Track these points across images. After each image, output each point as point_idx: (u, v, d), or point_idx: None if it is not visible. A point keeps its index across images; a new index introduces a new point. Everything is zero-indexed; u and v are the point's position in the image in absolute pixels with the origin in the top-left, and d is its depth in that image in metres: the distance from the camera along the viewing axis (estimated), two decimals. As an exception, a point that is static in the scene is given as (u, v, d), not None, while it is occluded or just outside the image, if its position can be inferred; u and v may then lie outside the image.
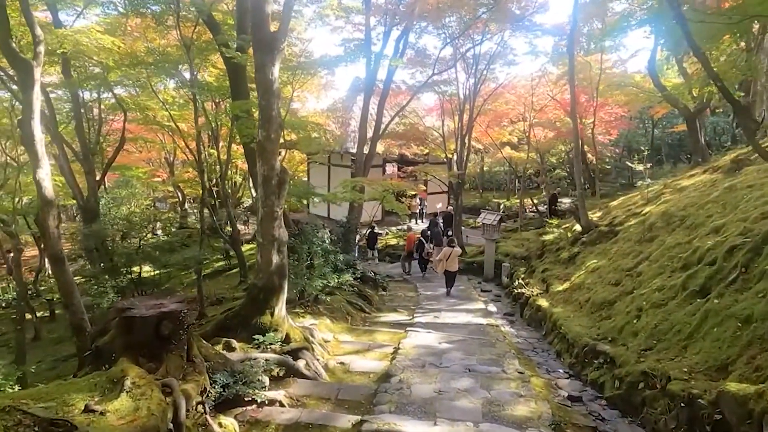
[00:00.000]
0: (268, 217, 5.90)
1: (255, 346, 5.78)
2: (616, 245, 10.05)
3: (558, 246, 12.89)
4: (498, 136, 23.08)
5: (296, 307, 8.71)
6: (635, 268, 8.13)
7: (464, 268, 16.28)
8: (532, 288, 11.15)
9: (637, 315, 6.46)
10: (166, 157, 24.73)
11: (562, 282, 10.50)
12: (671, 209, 9.27)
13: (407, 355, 6.77)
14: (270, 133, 5.66)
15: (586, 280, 9.37)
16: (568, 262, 11.48)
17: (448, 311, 11.05)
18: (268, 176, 5.78)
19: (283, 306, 6.27)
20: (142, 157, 26.72)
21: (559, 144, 25.15)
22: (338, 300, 10.06)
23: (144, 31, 15.68)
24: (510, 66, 19.26)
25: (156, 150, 24.60)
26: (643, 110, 23.58)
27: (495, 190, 32.80)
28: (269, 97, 5.58)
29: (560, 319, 8.37)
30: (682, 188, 10.71)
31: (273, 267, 6.01)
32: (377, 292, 13.28)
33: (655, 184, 12.24)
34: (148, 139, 20.06)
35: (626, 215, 11.48)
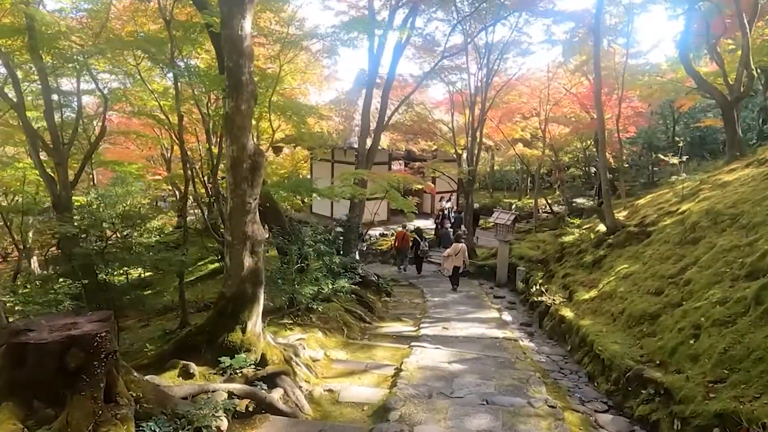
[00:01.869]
0: (239, 210, 4.76)
1: (220, 372, 4.64)
2: (651, 248, 8.81)
3: (579, 248, 11.65)
4: (510, 132, 21.84)
5: (284, 317, 7.58)
6: (680, 274, 6.90)
7: (475, 271, 15.12)
8: (553, 295, 9.93)
9: (693, 334, 5.24)
10: (163, 153, 23.69)
11: (588, 289, 9.28)
12: (717, 207, 8.02)
13: (411, 380, 5.59)
14: (240, 103, 4.52)
15: (618, 287, 8.14)
16: (593, 266, 10.24)
17: (459, 321, 9.86)
18: (239, 158, 4.64)
19: (259, 320, 5.11)
20: (143, 154, 25.77)
21: (575, 141, 23.89)
22: (334, 308, 8.90)
23: (133, 15, 14.66)
24: (524, 56, 18.08)
25: (153, 146, 23.61)
26: (663, 105, 22.27)
27: (506, 190, 31.51)
28: (238, 57, 4.45)
29: (591, 334, 7.16)
30: (724, 183, 9.44)
31: (245, 272, 4.86)
32: (380, 298, 12.14)
33: (689, 180, 10.97)
34: (142, 133, 18.99)
35: (658, 214, 10.22)
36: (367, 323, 9.37)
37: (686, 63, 12.24)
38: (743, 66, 11.74)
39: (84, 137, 15.75)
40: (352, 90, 21.69)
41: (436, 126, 19.76)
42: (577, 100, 19.98)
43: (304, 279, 7.40)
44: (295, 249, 7.63)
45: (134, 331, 11.68)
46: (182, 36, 10.83)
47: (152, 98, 13.82)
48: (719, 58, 12.89)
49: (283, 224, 10.36)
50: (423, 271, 15.55)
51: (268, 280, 7.48)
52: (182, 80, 10.56)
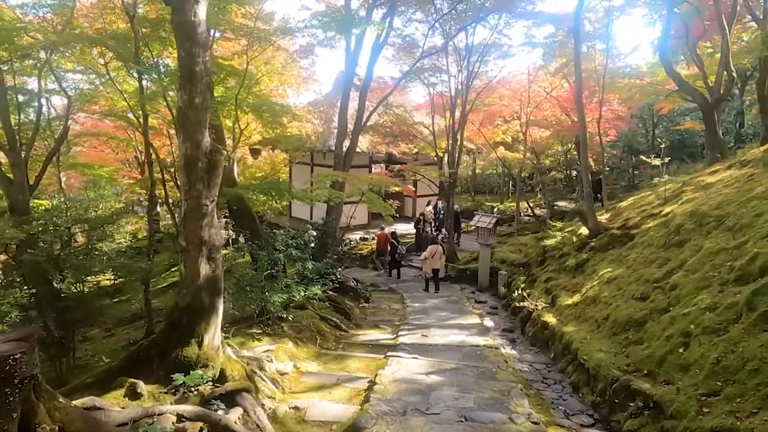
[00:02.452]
0: (194, 213, 4.34)
1: (172, 390, 4.20)
2: (634, 251, 8.58)
3: (562, 252, 11.40)
4: (491, 135, 21.67)
5: (253, 326, 7.14)
6: (666, 279, 6.65)
7: (456, 276, 14.82)
8: (535, 300, 9.65)
9: (683, 342, 4.96)
10: (137, 155, 23.00)
11: (571, 294, 9.01)
12: (701, 208, 7.82)
13: (385, 394, 5.21)
14: (193, 96, 4.12)
15: (602, 292, 7.88)
16: (576, 270, 9.99)
17: (439, 327, 9.52)
18: (193, 157, 4.23)
19: (217, 332, 4.69)
20: (117, 157, 25.02)
21: (556, 144, 23.83)
22: (308, 316, 8.48)
23: (101, 13, 14.09)
24: (505, 58, 17.89)
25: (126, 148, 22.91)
26: (643, 109, 22.34)
27: (488, 194, 31.36)
28: (191, 45, 4.05)
29: (574, 342, 6.86)
30: (707, 185, 9.28)
31: (201, 280, 4.44)
32: (358, 304, 11.75)
33: (671, 182, 10.82)
34: (113, 135, 18.34)
35: (641, 217, 10.02)
36: (343, 331, 8.97)
37: (667, 65, 12.13)
38: (723, 68, 11.67)
39: (53, 139, 15.12)
40: (331, 92, 21.30)
41: (417, 129, 19.47)
42: (558, 103, 19.88)
43: (274, 286, 6.97)
44: (264, 254, 7.20)
45: (98, 341, 11.10)
46: (151, 34, 10.37)
47: (122, 99, 13.27)
48: (699, 60, 12.83)
49: (256, 228, 9.95)
50: (404, 276, 15.22)
51: (236, 288, 7.07)
52: (149, 78, 10.11)
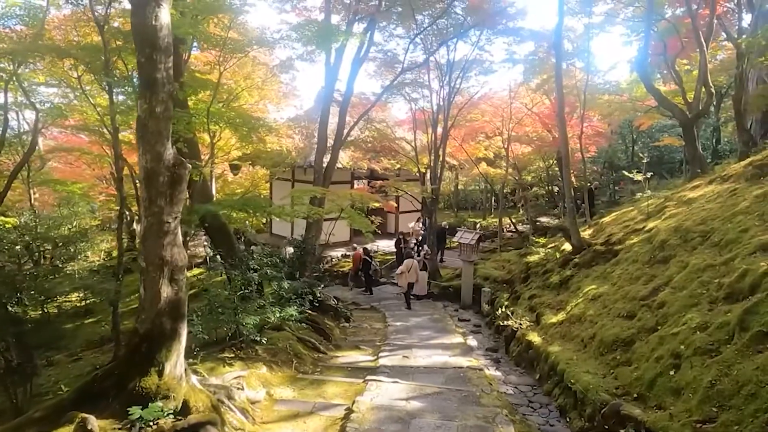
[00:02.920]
0: (155, 231, 4.03)
1: (127, 426, 3.84)
2: (619, 267, 8.43)
3: (545, 268, 11.24)
4: (474, 151, 21.65)
5: (225, 350, 6.76)
6: (653, 296, 6.47)
7: (439, 293, 14.57)
8: (519, 319, 9.41)
9: (673, 364, 4.75)
10: (113, 171, 22.43)
11: (556, 312, 8.81)
12: (686, 224, 7.72)
13: (362, 423, 4.89)
14: (154, 105, 3.84)
15: (587, 310, 7.68)
16: (560, 287, 9.82)
17: (421, 348, 9.22)
18: (154, 170, 3.93)
19: (180, 360, 4.33)
20: (94, 173, 24.41)
21: (538, 160, 23.92)
22: (285, 338, 8.11)
23: (75, 25, 13.74)
24: (487, 74, 17.89)
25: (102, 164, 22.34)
26: (623, 125, 22.58)
27: (471, 210, 31.31)
28: (151, 51, 3.78)
29: (560, 362, 6.63)
30: (690, 200, 9.21)
31: (162, 304, 4.10)
32: (339, 324, 11.40)
33: (653, 198, 10.77)
34: (87, 151, 17.83)
35: (625, 232, 9.93)
36: (321, 353, 8.60)
37: (646, 81, 12.19)
38: (701, 83, 11.76)
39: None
40: (312, 108, 21.10)
41: (399, 144, 19.34)
42: (539, 120, 19.95)
43: (246, 307, 6.61)
44: (237, 274, 6.86)
45: (63, 366, 10.54)
46: (124, 46, 10.05)
47: (95, 113, 12.87)
48: (678, 76, 12.96)
49: (232, 246, 9.58)
50: (386, 294, 14.96)
51: (207, 309, 6.70)
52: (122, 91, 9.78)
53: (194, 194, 9.73)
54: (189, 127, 7.33)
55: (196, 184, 9.94)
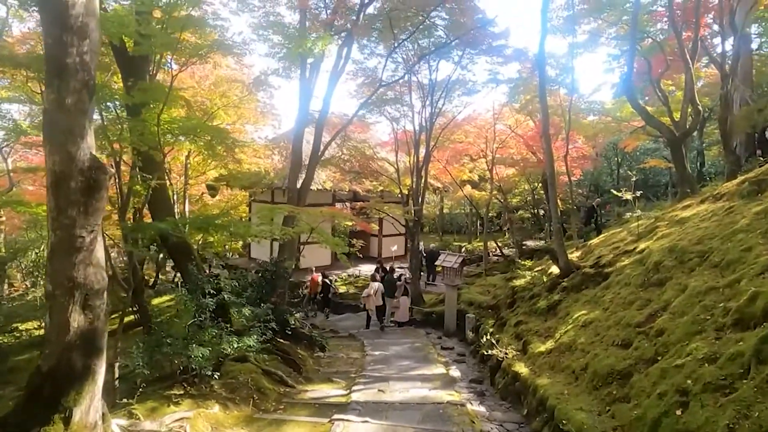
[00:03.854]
0: (64, 248, 3.35)
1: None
2: (610, 291, 7.85)
3: (532, 293, 10.62)
4: (458, 173, 21.28)
5: (174, 386, 5.98)
6: (649, 322, 5.88)
7: (422, 320, 13.86)
8: (505, 347, 8.73)
9: (680, 402, 4.11)
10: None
11: (544, 339, 8.16)
12: (680, 244, 7.19)
13: (320, 476, 4.16)
14: (64, 96, 3.22)
15: (578, 338, 7.05)
16: (548, 313, 9.19)
17: (399, 380, 8.48)
18: (63, 174, 3.28)
19: (95, 403, 3.58)
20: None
21: (523, 183, 23.61)
22: (248, 370, 7.34)
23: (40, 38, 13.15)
24: (470, 95, 17.55)
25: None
26: (608, 147, 22.43)
27: (456, 233, 30.85)
28: (61, 32, 3.17)
29: (550, 397, 5.95)
30: (682, 220, 8.73)
31: (71, 336, 3.39)
32: (312, 354, 10.63)
33: (643, 218, 10.29)
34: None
35: (615, 254, 9.39)
36: (289, 387, 7.82)
37: (632, 99, 11.86)
38: (688, 102, 11.47)
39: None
40: (292, 129, 20.60)
41: (381, 165, 18.84)
42: (524, 141, 19.66)
43: (198, 338, 5.86)
44: (190, 299, 6.14)
45: (5, 400, 9.57)
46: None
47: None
48: (664, 95, 12.69)
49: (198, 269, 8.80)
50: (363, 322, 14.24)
51: (153, 340, 5.95)
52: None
53: (156, 212, 9.03)
54: (143, 139, 6.67)
55: (161, 201, 9.26)
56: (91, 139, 3.54)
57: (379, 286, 12.90)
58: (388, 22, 11.64)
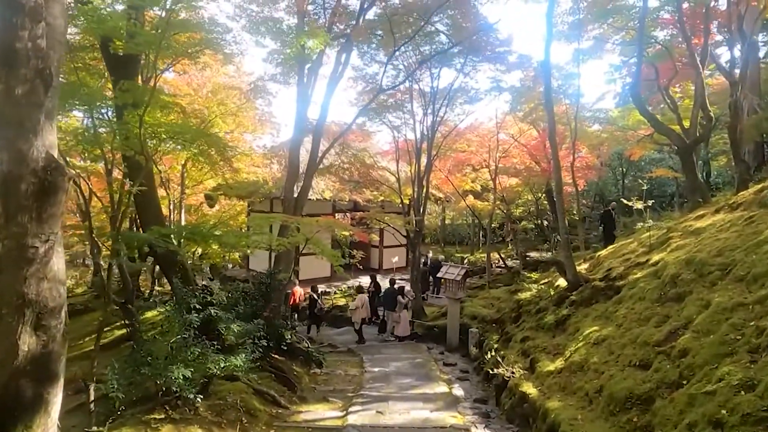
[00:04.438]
0: (13, 260, 2.93)
1: None
2: (624, 306, 7.39)
3: (538, 306, 10.16)
4: (460, 183, 20.88)
5: (155, 410, 5.52)
6: (670, 341, 5.42)
7: (423, 334, 13.36)
8: (512, 365, 8.25)
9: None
10: (80, 203, 21.20)
11: (553, 357, 7.69)
12: (699, 256, 6.75)
13: None
14: (13, 85, 2.81)
15: (591, 356, 6.58)
16: (556, 328, 8.72)
17: (399, 400, 8.01)
18: (13, 175, 2.87)
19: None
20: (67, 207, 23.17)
21: (527, 193, 23.19)
22: (238, 390, 6.89)
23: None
24: (473, 103, 17.18)
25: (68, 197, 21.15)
26: (612, 157, 22.03)
27: (458, 244, 30.35)
28: (12, 14, 2.77)
29: (562, 423, 5.48)
30: (698, 230, 8.29)
31: (20, 361, 2.95)
32: (309, 370, 10.15)
33: (655, 228, 9.82)
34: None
35: (626, 266, 8.93)
36: (282, 408, 7.36)
37: (640, 105, 11.48)
38: (698, 107, 11.09)
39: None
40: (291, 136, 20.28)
41: (382, 175, 18.46)
42: (527, 151, 19.30)
43: (179, 357, 5.40)
44: (172, 314, 5.70)
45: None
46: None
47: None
48: (672, 102, 12.32)
49: (187, 280, 8.36)
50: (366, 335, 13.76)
51: (131, 360, 5.50)
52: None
53: (145, 220, 8.62)
54: (128, 143, 6.28)
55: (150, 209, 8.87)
56: (51, 137, 3.14)
57: (366, 299, 12.95)
58: (388, 26, 11.29)
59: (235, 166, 15.17)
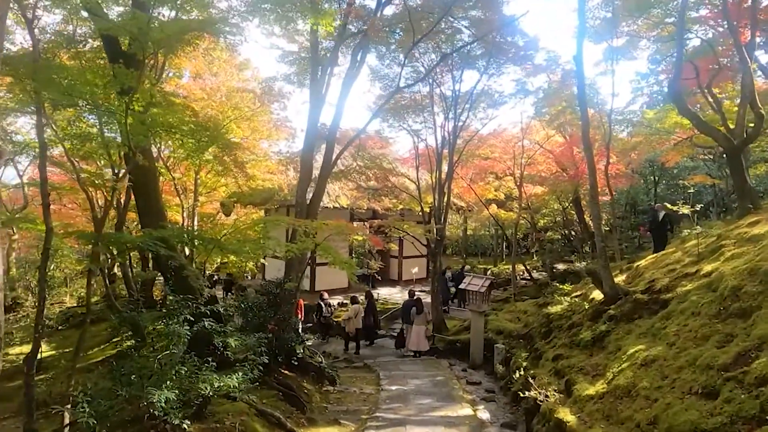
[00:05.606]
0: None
1: None
2: (674, 322, 6.51)
3: (571, 321, 9.27)
4: (483, 192, 20.09)
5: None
6: (740, 365, 4.56)
7: (445, 349, 12.55)
8: (545, 387, 7.39)
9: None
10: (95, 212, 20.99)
11: (592, 379, 6.81)
12: (764, 265, 5.85)
13: None
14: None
15: (638, 380, 5.71)
16: (593, 346, 7.82)
17: (418, 424, 7.24)
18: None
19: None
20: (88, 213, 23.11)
21: (553, 202, 22.24)
22: (238, 412, 6.21)
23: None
24: (497, 107, 16.42)
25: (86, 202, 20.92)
26: (644, 165, 20.95)
27: (480, 256, 29.46)
28: None
29: (611, 460, 4.64)
30: (755, 238, 7.36)
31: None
32: (321, 387, 9.44)
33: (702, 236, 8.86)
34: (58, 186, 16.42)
35: (671, 278, 8.03)
36: (286, 431, 6.64)
37: (681, 105, 10.55)
38: (745, 106, 10.12)
39: None
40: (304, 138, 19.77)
41: (401, 182, 17.76)
42: (553, 158, 18.46)
43: (165, 376, 4.71)
44: (159, 327, 5.06)
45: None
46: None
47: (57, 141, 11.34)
48: (716, 101, 11.37)
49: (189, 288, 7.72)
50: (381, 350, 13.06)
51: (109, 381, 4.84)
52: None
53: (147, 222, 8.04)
54: (128, 138, 5.69)
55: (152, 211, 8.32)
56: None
57: (360, 309, 12.85)
58: (407, 22, 10.62)
59: (249, 172, 14.70)
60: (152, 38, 5.22)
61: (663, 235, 13.07)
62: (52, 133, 11.52)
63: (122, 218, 10.32)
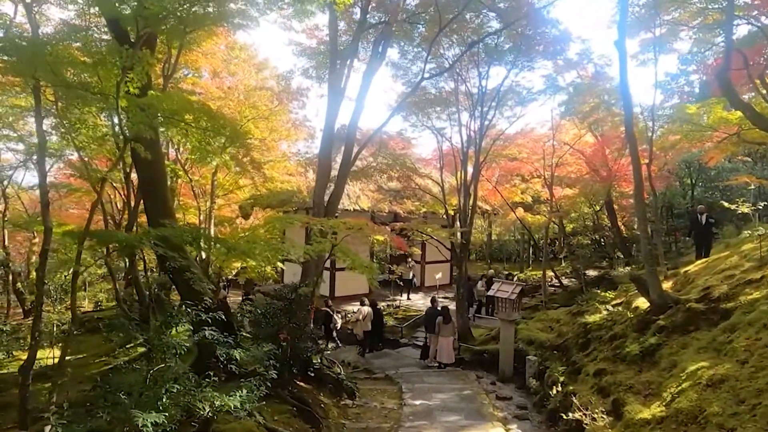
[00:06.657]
0: None
1: None
2: (741, 336, 5.68)
3: (612, 332, 8.43)
4: (509, 194, 19.24)
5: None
6: None
7: (471, 360, 11.75)
8: (589, 408, 6.57)
9: None
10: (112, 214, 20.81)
11: (644, 399, 6.00)
12: None
13: None
14: None
15: (706, 403, 4.90)
16: (642, 360, 6.99)
17: (445, 446, 6.48)
18: None
19: None
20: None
21: (583, 205, 21.22)
22: (247, 429, 5.58)
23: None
24: (524, 104, 15.58)
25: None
26: (680, 166, 19.82)
27: (505, 261, 28.46)
28: None
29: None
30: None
31: None
32: (339, 401, 8.76)
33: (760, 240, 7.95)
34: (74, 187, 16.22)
35: (730, 284, 7.17)
36: (300, 453, 5.98)
37: (732, 96, 9.55)
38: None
39: None
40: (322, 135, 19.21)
41: (423, 182, 17.03)
42: (584, 159, 17.54)
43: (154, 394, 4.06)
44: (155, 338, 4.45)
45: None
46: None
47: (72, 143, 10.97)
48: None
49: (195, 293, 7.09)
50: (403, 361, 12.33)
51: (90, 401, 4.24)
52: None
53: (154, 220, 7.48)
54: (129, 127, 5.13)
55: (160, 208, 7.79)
56: None
57: (369, 311, 12.66)
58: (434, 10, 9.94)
59: (268, 174, 14.18)
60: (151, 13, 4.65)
61: (707, 238, 12.14)
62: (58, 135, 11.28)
63: (133, 219, 9.85)
